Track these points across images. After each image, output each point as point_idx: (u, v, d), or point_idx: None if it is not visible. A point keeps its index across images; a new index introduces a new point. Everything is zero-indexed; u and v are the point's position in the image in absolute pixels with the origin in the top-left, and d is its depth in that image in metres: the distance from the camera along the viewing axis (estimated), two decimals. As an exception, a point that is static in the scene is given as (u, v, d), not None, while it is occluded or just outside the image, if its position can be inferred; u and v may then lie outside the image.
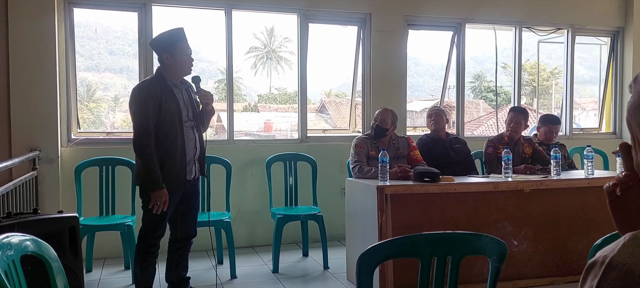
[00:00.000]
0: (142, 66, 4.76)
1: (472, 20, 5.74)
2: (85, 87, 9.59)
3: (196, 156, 3.28)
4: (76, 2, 4.60)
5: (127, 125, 7.83)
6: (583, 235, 3.79)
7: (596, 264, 0.75)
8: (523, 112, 4.56)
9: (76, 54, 4.74)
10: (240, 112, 14.49)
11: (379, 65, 5.37)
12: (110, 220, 4.10)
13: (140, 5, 4.71)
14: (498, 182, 3.74)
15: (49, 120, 4.36)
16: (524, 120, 4.49)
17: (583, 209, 3.85)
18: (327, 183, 5.09)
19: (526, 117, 4.53)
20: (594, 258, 0.77)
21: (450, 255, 1.62)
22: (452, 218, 3.62)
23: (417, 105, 12.28)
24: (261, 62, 29.48)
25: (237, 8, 5.02)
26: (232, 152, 4.85)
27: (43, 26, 4.32)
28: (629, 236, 0.75)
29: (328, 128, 11.40)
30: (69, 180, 4.32)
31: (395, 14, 5.39)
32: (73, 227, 2.82)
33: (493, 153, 4.45)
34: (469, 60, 6.02)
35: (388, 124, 4.06)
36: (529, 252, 3.75)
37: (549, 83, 15.71)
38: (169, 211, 3.24)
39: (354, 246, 3.88)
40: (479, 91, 24.30)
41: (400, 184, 3.57)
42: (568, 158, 4.80)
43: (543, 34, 6.20)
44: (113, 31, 14.22)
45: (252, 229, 5.04)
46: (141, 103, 3.10)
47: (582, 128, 6.68)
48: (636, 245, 0.73)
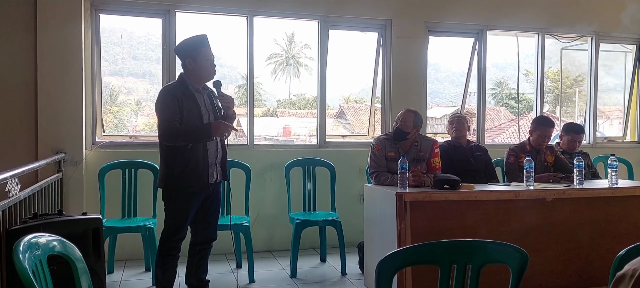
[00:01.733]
0: (165, 71, 4.83)
1: (494, 26, 5.70)
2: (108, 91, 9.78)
3: (218, 160, 3.32)
4: (102, 9, 4.70)
5: (149, 129, 7.94)
6: (606, 246, 3.72)
7: (625, 277, 0.75)
8: (552, 125, 4.47)
9: (102, 59, 4.84)
10: (259, 117, 14.58)
11: (399, 72, 5.37)
12: (132, 222, 4.16)
13: (164, 11, 4.79)
14: (519, 191, 3.69)
15: (74, 124, 4.45)
16: (551, 132, 4.42)
17: (606, 219, 3.79)
18: (345, 189, 5.09)
19: (553, 128, 4.47)
20: (622, 271, 0.76)
21: (470, 263, 1.62)
22: (472, 227, 3.58)
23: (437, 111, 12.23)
24: (281, 67, 29.64)
25: (259, 14, 5.07)
26: (251, 156, 4.89)
27: (70, 32, 4.42)
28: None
29: (346, 133, 11.40)
30: (93, 183, 4.40)
31: (416, 21, 5.39)
32: (96, 228, 2.88)
33: (515, 162, 4.38)
34: (491, 67, 5.99)
35: (409, 127, 3.93)
36: (551, 262, 3.69)
37: (572, 90, 15.47)
38: (191, 214, 3.28)
39: (373, 253, 3.88)
40: (500, 98, 24.06)
41: (420, 191, 3.55)
42: (591, 168, 4.72)
43: (566, 41, 6.13)
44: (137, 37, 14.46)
45: (270, 234, 5.07)
46: (164, 102, 3.19)
47: (606, 137, 6.56)
48: None
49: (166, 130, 3.13)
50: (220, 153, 3.34)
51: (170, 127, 3.12)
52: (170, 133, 3.12)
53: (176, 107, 3.15)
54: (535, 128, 4.42)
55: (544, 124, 4.43)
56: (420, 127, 4.04)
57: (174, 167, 3.19)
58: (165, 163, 3.24)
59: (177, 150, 3.17)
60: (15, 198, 2.87)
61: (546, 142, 4.41)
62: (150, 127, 8.50)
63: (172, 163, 3.19)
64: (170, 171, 3.20)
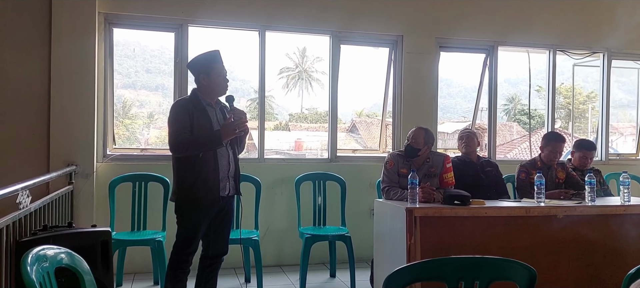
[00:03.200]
0: (177, 84, 4.88)
1: (505, 43, 5.69)
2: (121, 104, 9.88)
3: (231, 173, 3.33)
4: (116, 23, 4.77)
5: (160, 142, 8.00)
6: (618, 264, 3.65)
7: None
8: (563, 141, 4.44)
9: (115, 72, 4.91)
10: (271, 131, 14.64)
11: (410, 87, 5.37)
12: (142, 235, 4.18)
13: (177, 26, 4.85)
14: (530, 207, 3.65)
15: (86, 136, 4.50)
16: (562, 148, 4.39)
17: (618, 237, 3.73)
18: (356, 204, 5.08)
19: (564, 144, 4.43)
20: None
21: (478, 280, 1.60)
22: (483, 243, 3.55)
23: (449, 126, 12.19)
24: (293, 81, 29.81)
25: (271, 29, 5.12)
26: (262, 170, 4.90)
27: (84, 45, 4.48)
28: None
29: (358, 148, 11.39)
30: (103, 195, 4.43)
31: (427, 36, 5.40)
32: (105, 241, 2.89)
33: (526, 179, 4.34)
34: (503, 82, 5.99)
35: (420, 144, 3.93)
36: (562, 279, 3.64)
37: (585, 107, 15.35)
38: (203, 227, 3.28)
39: (382, 268, 3.85)
40: (512, 114, 23.95)
41: (430, 207, 3.53)
42: (603, 185, 4.66)
43: (578, 57, 6.10)
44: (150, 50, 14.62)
45: (280, 248, 5.06)
46: (175, 115, 3.23)
47: (618, 153, 6.49)
48: None
49: (176, 141, 3.16)
50: (233, 166, 3.35)
51: (180, 138, 3.14)
52: (179, 143, 3.14)
53: (187, 119, 3.17)
54: (547, 144, 4.39)
55: (555, 139, 4.40)
56: (431, 144, 4.02)
57: (185, 180, 3.20)
58: (177, 176, 3.26)
59: (188, 163, 3.18)
60: (26, 210, 2.90)
61: (557, 158, 4.37)
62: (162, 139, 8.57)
63: (183, 176, 3.21)
64: (181, 184, 3.22)
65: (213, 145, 3.18)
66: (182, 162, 3.21)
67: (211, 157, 3.21)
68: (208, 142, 3.18)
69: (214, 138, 3.17)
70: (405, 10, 5.35)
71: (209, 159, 3.20)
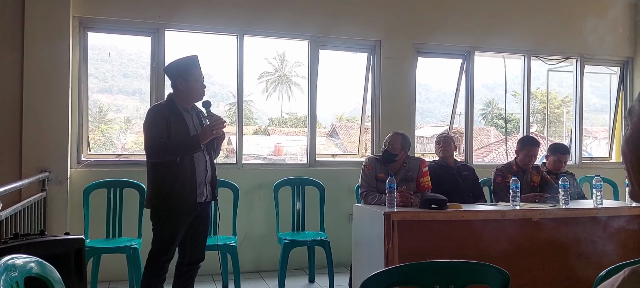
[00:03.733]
0: (153, 89, 4.83)
1: (481, 48, 5.77)
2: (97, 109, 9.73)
3: (207, 179, 3.30)
4: (91, 27, 4.70)
5: (137, 147, 7.90)
6: (592, 265, 3.72)
7: None
8: (537, 144, 4.52)
9: (90, 77, 4.83)
10: (251, 135, 14.57)
11: (388, 92, 5.40)
12: (117, 242, 4.11)
13: (154, 30, 4.80)
14: (506, 210, 3.70)
15: (59, 142, 4.41)
16: (537, 151, 4.47)
17: (592, 239, 3.80)
18: (335, 209, 5.08)
19: (538, 148, 4.51)
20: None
21: (453, 283, 1.61)
22: (460, 246, 3.58)
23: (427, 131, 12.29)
24: (273, 86, 29.76)
25: (249, 34, 5.10)
26: (240, 175, 4.87)
27: (57, 50, 4.41)
28: (628, 271, 0.74)
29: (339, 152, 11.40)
30: (78, 202, 4.35)
31: (404, 42, 5.44)
32: (79, 249, 2.83)
33: (502, 182, 4.41)
34: (480, 87, 6.07)
35: (397, 149, 3.96)
36: (537, 282, 3.69)
37: (560, 111, 15.64)
38: (180, 234, 3.25)
39: (361, 273, 3.85)
40: (490, 118, 24.27)
41: (408, 211, 3.55)
42: (577, 188, 4.74)
43: (552, 62, 6.21)
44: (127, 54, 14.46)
45: (258, 254, 5.03)
46: (151, 120, 3.19)
47: (592, 157, 6.62)
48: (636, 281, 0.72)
49: (153, 146, 3.12)
50: (210, 172, 3.33)
51: (157, 143, 3.11)
52: (157, 149, 3.11)
53: (163, 124, 3.14)
54: (522, 148, 4.47)
55: (530, 144, 4.48)
56: (408, 149, 4.06)
57: (161, 187, 3.16)
58: (152, 183, 3.22)
59: (164, 170, 3.15)
60: (-3, 218, 2.83)
61: (532, 162, 4.45)
62: (139, 145, 8.47)
63: (160, 184, 3.17)
64: (157, 191, 3.18)
65: (191, 149, 3.16)
66: (159, 168, 3.17)
67: (188, 164, 3.18)
68: (186, 146, 3.15)
69: (191, 141, 3.15)
70: (382, 16, 5.38)
71: (186, 165, 3.17)
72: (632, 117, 0.85)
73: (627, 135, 0.86)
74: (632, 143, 0.84)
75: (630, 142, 0.84)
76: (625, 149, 0.86)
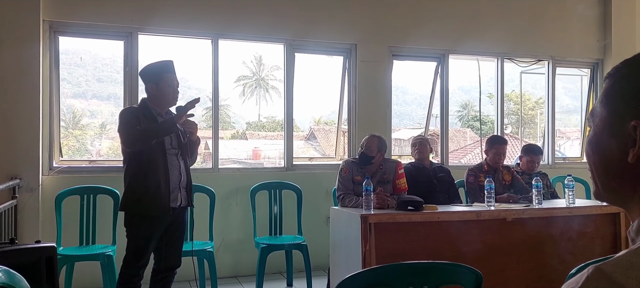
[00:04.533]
0: (127, 94, 4.76)
1: (455, 51, 5.84)
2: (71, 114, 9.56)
3: (182, 184, 3.28)
4: (62, 31, 4.61)
5: (113, 153, 7.78)
6: (565, 264, 3.79)
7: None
8: (505, 142, 4.61)
9: (63, 81, 4.76)
10: (228, 140, 14.47)
11: (364, 95, 5.43)
12: (90, 250, 4.04)
13: (127, 34, 4.74)
14: (481, 211, 3.75)
15: (30, 149, 4.32)
16: (505, 149, 4.56)
17: (565, 238, 3.87)
18: (312, 212, 5.07)
19: (506, 145, 4.60)
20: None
21: (426, 284, 1.62)
22: (436, 247, 3.61)
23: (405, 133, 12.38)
24: (250, 90, 29.64)
25: (224, 37, 5.07)
26: (216, 180, 4.84)
27: (27, 54, 4.32)
28: (592, 269, 0.75)
29: (317, 156, 11.40)
30: (50, 209, 4.26)
31: (380, 45, 5.47)
32: (50, 257, 2.77)
33: (474, 182, 4.48)
34: (456, 89, 6.14)
35: (374, 151, 3.98)
36: (512, 281, 3.74)
37: (534, 112, 15.92)
38: (154, 240, 3.21)
39: (338, 275, 3.85)
40: (466, 120, 24.56)
41: (384, 213, 3.57)
42: (550, 187, 4.83)
43: (525, 65, 6.32)
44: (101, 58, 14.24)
45: (236, 259, 4.99)
46: (125, 118, 3.19)
47: (565, 157, 6.75)
48: (599, 278, 0.74)
49: (129, 135, 3.11)
50: (185, 177, 3.30)
51: (132, 131, 3.11)
52: (134, 136, 3.10)
53: (136, 121, 3.14)
54: (490, 147, 4.56)
55: (498, 142, 4.58)
56: (384, 151, 4.08)
57: (135, 189, 3.14)
58: (127, 185, 3.19)
59: (139, 172, 3.12)
60: (-36, 227, 2.75)
61: (502, 160, 4.54)
62: (115, 150, 8.33)
63: (134, 185, 3.14)
64: (131, 193, 3.15)
65: (168, 129, 3.15)
66: (133, 171, 3.14)
67: (162, 167, 3.15)
68: (162, 128, 3.14)
69: (166, 123, 3.15)
70: (358, 19, 5.41)
71: (160, 169, 3.14)
72: (594, 119, 0.87)
73: (589, 136, 0.88)
74: (595, 144, 0.85)
75: (593, 143, 0.86)
76: (588, 150, 0.88)
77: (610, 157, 0.81)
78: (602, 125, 0.83)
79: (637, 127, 0.77)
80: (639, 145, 0.77)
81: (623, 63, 0.83)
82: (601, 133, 0.83)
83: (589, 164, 0.88)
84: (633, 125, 0.77)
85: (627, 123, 0.78)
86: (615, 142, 0.80)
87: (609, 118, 0.82)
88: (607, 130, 0.82)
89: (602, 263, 0.75)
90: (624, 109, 0.79)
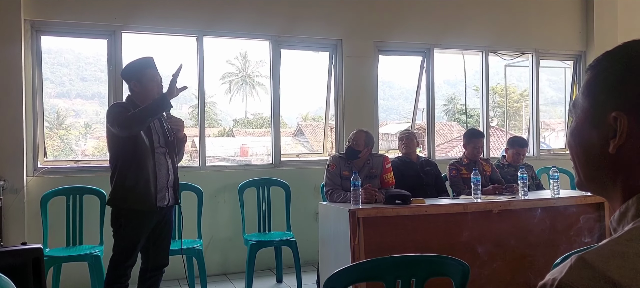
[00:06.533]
0: (111, 93, 4.72)
1: (440, 45, 5.87)
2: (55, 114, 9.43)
3: (170, 182, 3.26)
4: (44, 30, 4.56)
5: (98, 153, 7.70)
6: (551, 254, 3.82)
7: (545, 287, 0.77)
8: (482, 135, 4.67)
9: (46, 81, 4.70)
10: (215, 137, 14.40)
11: (350, 90, 5.44)
12: (77, 250, 4.01)
13: (110, 32, 4.69)
14: (467, 204, 3.78)
15: (14, 150, 4.27)
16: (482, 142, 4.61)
17: (550, 228, 3.91)
18: (301, 208, 5.08)
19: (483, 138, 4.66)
20: (543, 280, 0.78)
21: (414, 277, 1.64)
22: (424, 240, 3.64)
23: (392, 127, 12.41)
24: (236, 87, 29.50)
25: (209, 35, 5.04)
26: (204, 178, 4.82)
27: (8, 54, 4.26)
28: (575, 258, 0.76)
29: (304, 152, 11.39)
30: (35, 211, 4.22)
31: (365, 40, 5.48)
32: (37, 258, 2.74)
33: (457, 175, 4.52)
34: (442, 83, 6.18)
35: (361, 146, 4.01)
36: (499, 272, 3.78)
37: (519, 105, 16.05)
38: (141, 239, 3.19)
39: (328, 270, 3.86)
40: (452, 113, 24.69)
41: (372, 207, 3.59)
42: (535, 179, 4.89)
43: (509, 58, 6.37)
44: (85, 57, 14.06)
45: (225, 256, 4.98)
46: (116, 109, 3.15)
47: (549, 149, 6.82)
48: (582, 267, 0.74)
49: (126, 119, 3.04)
50: (172, 176, 3.28)
51: (125, 115, 3.05)
52: (129, 119, 3.03)
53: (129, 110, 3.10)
54: (468, 142, 4.61)
55: (474, 135, 4.63)
56: (371, 146, 4.10)
57: (123, 184, 3.11)
58: (115, 181, 3.16)
59: (126, 169, 3.10)
60: (-53, 230, 2.72)
61: (480, 153, 4.59)
62: (100, 149, 8.25)
63: (123, 181, 3.12)
64: (118, 188, 3.13)
65: (163, 106, 3.10)
66: (121, 168, 3.12)
67: (150, 167, 3.13)
68: (156, 105, 3.08)
69: (161, 100, 3.09)
70: (343, 15, 5.41)
71: (148, 169, 3.12)
72: (576, 110, 0.88)
73: (571, 127, 0.89)
74: (576, 135, 0.86)
75: (575, 134, 0.87)
76: (570, 141, 0.89)
77: (591, 148, 0.82)
78: (583, 116, 0.84)
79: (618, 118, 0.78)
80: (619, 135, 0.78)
81: (604, 55, 0.84)
82: (583, 124, 0.84)
83: (571, 155, 0.89)
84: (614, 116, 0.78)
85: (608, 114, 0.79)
86: (597, 133, 0.81)
87: (591, 109, 0.83)
88: (588, 121, 0.83)
89: (585, 252, 0.76)
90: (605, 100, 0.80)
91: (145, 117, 3.06)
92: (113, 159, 3.19)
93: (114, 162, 3.18)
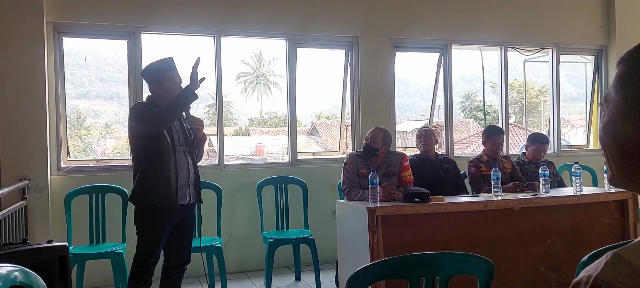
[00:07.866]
0: (131, 93, 4.77)
1: (458, 41, 5.83)
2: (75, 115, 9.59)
3: (191, 180, 3.29)
4: (65, 32, 4.63)
5: (118, 152, 7.81)
6: (574, 252, 3.79)
7: (580, 284, 0.76)
8: (502, 132, 4.63)
9: (67, 82, 4.76)
10: (231, 136, 14.50)
11: (367, 87, 5.43)
12: (101, 248, 4.07)
13: (130, 33, 4.75)
14: (488, 201, 3.75)
15: (38, 149, 4.35)
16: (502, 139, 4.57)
17: (573, 226, 3.87)
18: (318, 206, 5.09)
19: (503, 135, 4.62)
20: (578, 277, 0.78)
21: (438, 275, 1.63)
22: (444, 238, 3.62)
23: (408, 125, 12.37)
24: (251, 86, 29.63)
25: (226, 34, 5.07)
26: (222, 176, 4.85)
27: (32, 55, 4.33)
28: (611, 254, 0.76)
29: (319, 150, 11.41)
30: (59, 209, 4.29)
31: (381, 37, 5.47)
32: (62, 256, 2.79)
33: (476, 172, 4.49)
34: (459, 80, 6.14)
35: (378, 143, 3.98)
36: (521, 270, 3.75)
37: (537, 100, 15.88)
38: (163, 237, 3.23)
39: (346, 268, 3.87)
40: (469, 110, 24.51)
41: (391, 205, 3.57)
42: (557, 176, 4.83)
43: (528, 53, 6.30)
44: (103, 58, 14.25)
45: (243, 254, 5.02)
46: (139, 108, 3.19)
47: (570, 145, 6.74)
48: (618, 263, 0.74)
49: (148, 117, 3.08)
50: (193, 174, 3.31)
51: (150, 112, 3.09)
52: (154, 116, 3.07)
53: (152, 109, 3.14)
54: (487, 138, 4.56)
55: (494, 132, 4.59)
56: (389, 144, 4.08)
57: (145, 181, 3.16)
58: (137, 178, 3.21)
59: (149, 166, 3.14)
60: (-24, 229, 2.78)
61: (500, 150, 4.55)
62: (119, 149, 8.36)
63: (144, 178, 3.17)
64: (140, 184, 3.18)
65: (189, 98, 3.12)
66: (143, 165, 3.17)
67: (171, 165, 3.17)
68: (183, 98, 3.10)
69: (186, 92, 3.10)
70: (359, 11, 5.40)
71: (169, 167, 3.16)
72: (608, 104, 0.86)
73: (604, 122, 0.87)
74: (609, 129, 0.85)
75: (608, 128, 0.85)
76: (603, 136, 0.87)
77: (626, 142, 0.81)
78: (616, 110, 0.83)
79: None
80: None
81: (637, 47, 0.83)
82: (616, 118, 0.83)
83: (604, 150, 0.88)
84: None
85: None
86: (631, 127, 0.79)
87: (624, 103, 0.81)
88: (622, 115, 0.81)
89: (620, 249, 0.75)
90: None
91: (173, 111, 3.09)
92: (135, 157, 3.23)
93: (136, 160, 3.22)
